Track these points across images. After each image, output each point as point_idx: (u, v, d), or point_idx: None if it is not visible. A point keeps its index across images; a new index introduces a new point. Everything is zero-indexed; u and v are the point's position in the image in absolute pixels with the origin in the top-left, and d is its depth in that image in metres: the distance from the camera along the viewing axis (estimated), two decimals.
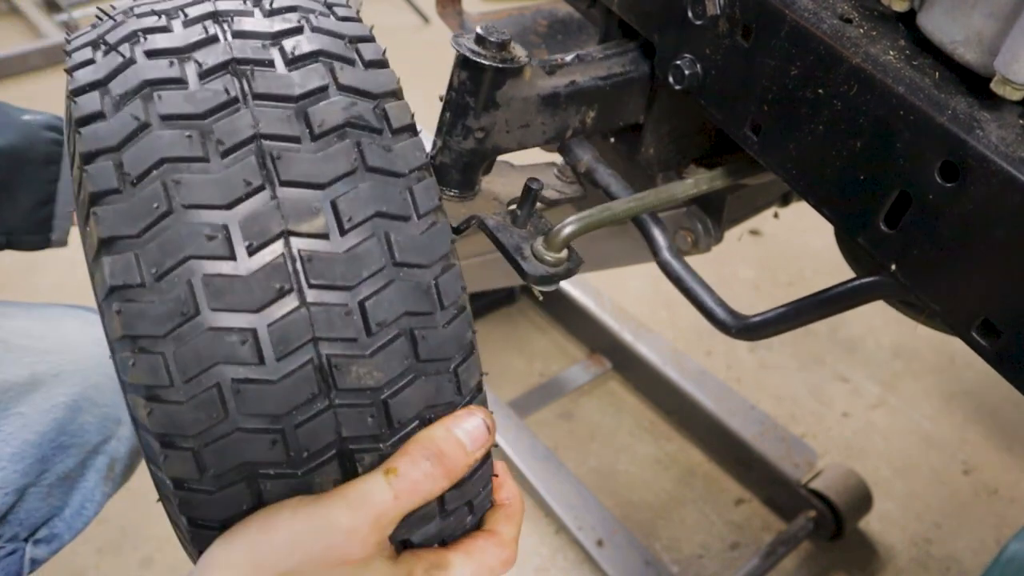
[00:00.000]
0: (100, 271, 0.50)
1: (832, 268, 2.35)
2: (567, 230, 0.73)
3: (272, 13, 0.56)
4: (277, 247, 0.49)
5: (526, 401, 1.87)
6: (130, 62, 0.52)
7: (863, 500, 1.63)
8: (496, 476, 0.61)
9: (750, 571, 1.52)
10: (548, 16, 1.10)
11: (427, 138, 1.51)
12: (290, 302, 0.49)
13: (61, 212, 0.88)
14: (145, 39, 0.53)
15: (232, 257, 0.48)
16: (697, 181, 0.86)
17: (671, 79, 0.79)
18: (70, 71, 0.54)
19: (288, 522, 0.51)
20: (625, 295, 2.17)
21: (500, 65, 0.73)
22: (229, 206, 0.49)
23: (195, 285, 0.48)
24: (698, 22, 0.75)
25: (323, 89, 0.53)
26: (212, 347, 0.48)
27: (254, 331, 0.48)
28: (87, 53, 0.54)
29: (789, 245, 2.43)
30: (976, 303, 0.60)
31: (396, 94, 0.56)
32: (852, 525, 1.63)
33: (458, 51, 0.73)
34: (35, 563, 0.90)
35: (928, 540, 1.68)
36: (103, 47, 0.54)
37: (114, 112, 0.51)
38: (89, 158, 0.50)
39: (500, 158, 0.85)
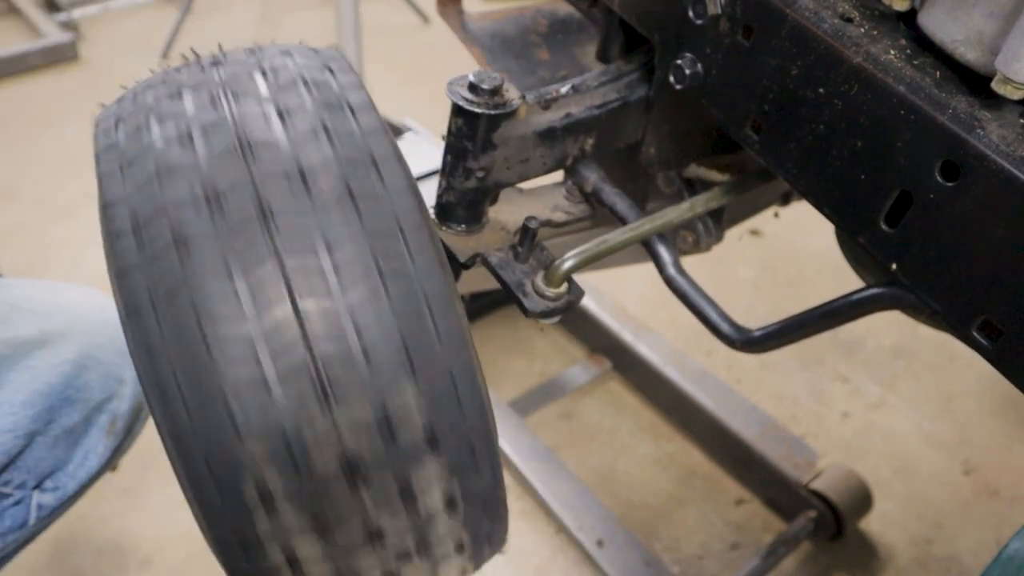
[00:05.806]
0: None
1: (832, 268, 2.35)
2: (566, 265, 0.75)
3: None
4: None
5: (526, 401, 1.87)
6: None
7: (863, 500, 1.63)
8: None
9: (750, 571, 1.52)
10: (548, 16, 1.10)
11: (425, 137, 1.51)
12: None
13: None
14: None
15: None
16: (693, 204, 0.86)
17: (672, 78, 0.79)
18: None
19: None
20: (625, 295, 2.16)
21: (493, 112, 0.74)
22: None
23: None
24: (699, 21, 0.75)
25: None
26: None
27: None
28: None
29: (789, 245, 2.43)
30: (977, 302, 0.60)
31: None
32: (852, 525, 1.63)
33: (452, 100, 0.74)
34: (41, 508, 0.94)
35: (929, 540, 1.68)
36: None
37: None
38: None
39: None
